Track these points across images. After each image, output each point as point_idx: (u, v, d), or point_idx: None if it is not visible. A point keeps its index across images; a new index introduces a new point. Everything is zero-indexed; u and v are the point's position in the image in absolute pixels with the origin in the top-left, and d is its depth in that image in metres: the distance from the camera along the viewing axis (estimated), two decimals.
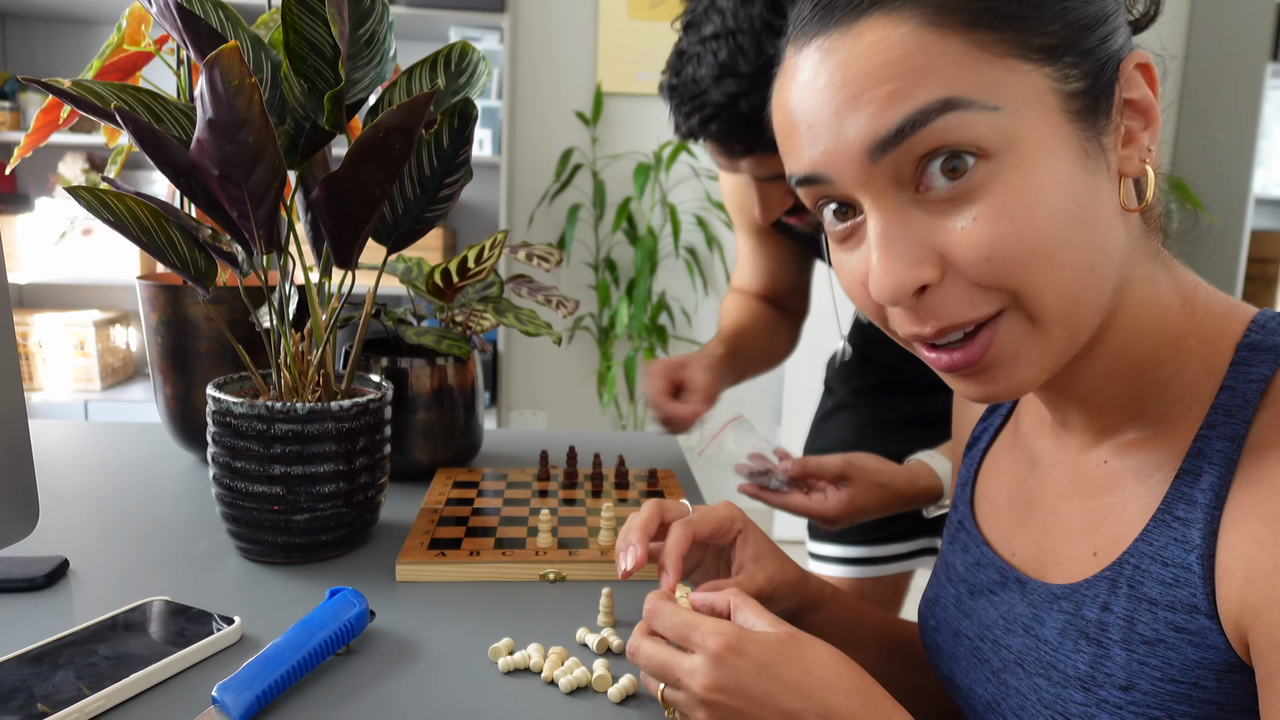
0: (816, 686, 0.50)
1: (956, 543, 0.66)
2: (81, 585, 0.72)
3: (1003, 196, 0.45)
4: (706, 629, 0.52)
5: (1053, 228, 0.45)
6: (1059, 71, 0.45)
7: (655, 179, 2.97)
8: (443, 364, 0.96)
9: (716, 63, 0.83)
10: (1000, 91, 0.44)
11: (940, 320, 0.48)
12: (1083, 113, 0.46)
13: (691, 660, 0.51)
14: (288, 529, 0.74)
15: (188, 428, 0.98)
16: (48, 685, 0.55)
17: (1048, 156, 0.45)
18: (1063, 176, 0.45)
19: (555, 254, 1.02)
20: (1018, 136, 0.45)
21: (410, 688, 0.59)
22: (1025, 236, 0.45)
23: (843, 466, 0.93)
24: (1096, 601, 0.51)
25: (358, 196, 0.70)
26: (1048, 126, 0.45)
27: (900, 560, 1.38)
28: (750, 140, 0.87)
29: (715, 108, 0.84)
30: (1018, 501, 0.62)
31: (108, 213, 0.71)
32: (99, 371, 2.65)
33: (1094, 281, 0.47)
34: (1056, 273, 0.46)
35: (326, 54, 0.73)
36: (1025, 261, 0.45)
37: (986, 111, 0.44)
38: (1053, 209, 0.45)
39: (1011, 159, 0.45)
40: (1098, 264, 0.47)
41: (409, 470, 0.98)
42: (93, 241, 2.55)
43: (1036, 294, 0.46)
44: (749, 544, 0.66)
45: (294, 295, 0.91)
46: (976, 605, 0.61)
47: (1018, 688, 0.55)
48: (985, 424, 0.69)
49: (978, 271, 0.46)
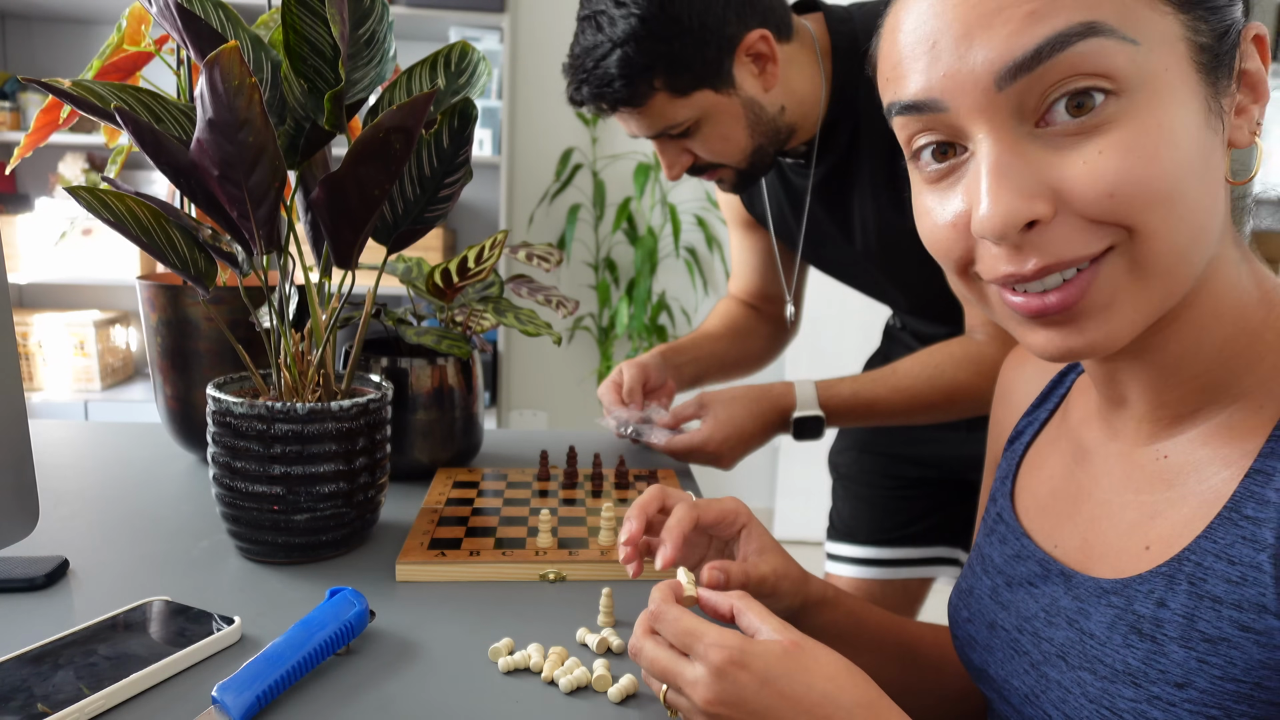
0: (819, 701, 0.49)
1: (994, 535, 0.65)
2: (81, 585, 0.72)
3: (1132, 132, 0.44)
4: (710, 640, 0.51)
5: (1179, 172, 0.44)
6: (1192, 21, 0.45)
7: (655, 179, 2.97)
8: (443, 364, 0.96)
9: (586, 39, 0.99)
10: (1141, 26, 0.43)
11: (1045, 257, 0.46)
12: (1208, 68, 0.45)
13: (694, 670, 0.51)
14: (288, 529, 0.74)
15: (188, 428, 0.98)
16: (48, 685, 0.55)
17: (1178, 101, 0.44)
18: (1191, 124, 0.44)
19: (555, 254, 1.03)
20: (1151, 75, 0.44)
21: (410, 688, 0.59)
22: (1152, 174, 0.44)
23: (699, 397, 1.06)
24: (1151, 597, 0.50)
25: (358, 196, 0.70)
26: (1180, 72, 0.44)
27: (917, 565, 1.37)
28: (611, 98, 1.00)
29: (584, 73, 1.00)
30: (1062, 494, 0.61)
31: (108, 213, 0.71)
32: (99, 371, 2.65)
33: (1201, 240, 0.46)
34: (1174, 218, 0.45)
35: (326, 54, 0.73)
36: (1148, 200, 0.44)
37: (1126, 43, 0.43)
38: (1179, 153, 0.44)
39: (1143, 97, 0.44)
40: (1207, 224, 0.46)
41: (409, 470, 0.98)
42: (93, 241, 2.55)
43: (1152, 236, 0.45)
44: (753, 538, 0.67)
45: (294, 295, 0.91)
46: (1015, 597, 0.60)
47: (1059, 680, 0.54)
48: (1029, 419, 0.68)
49: (1098, 207, 0.45)
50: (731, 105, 1.01)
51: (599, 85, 0.99)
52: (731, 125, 1.02)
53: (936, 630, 0.78)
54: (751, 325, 1.36)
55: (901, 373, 1.07)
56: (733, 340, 1.33)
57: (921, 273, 1.12)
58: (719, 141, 1.03)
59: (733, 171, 1.08)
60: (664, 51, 0.96)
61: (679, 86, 0.99)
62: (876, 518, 1.37)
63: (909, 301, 1.22)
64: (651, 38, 0.96)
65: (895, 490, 1.36)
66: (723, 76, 0.99)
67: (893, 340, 1.38)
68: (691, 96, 0.99)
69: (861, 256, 1.16)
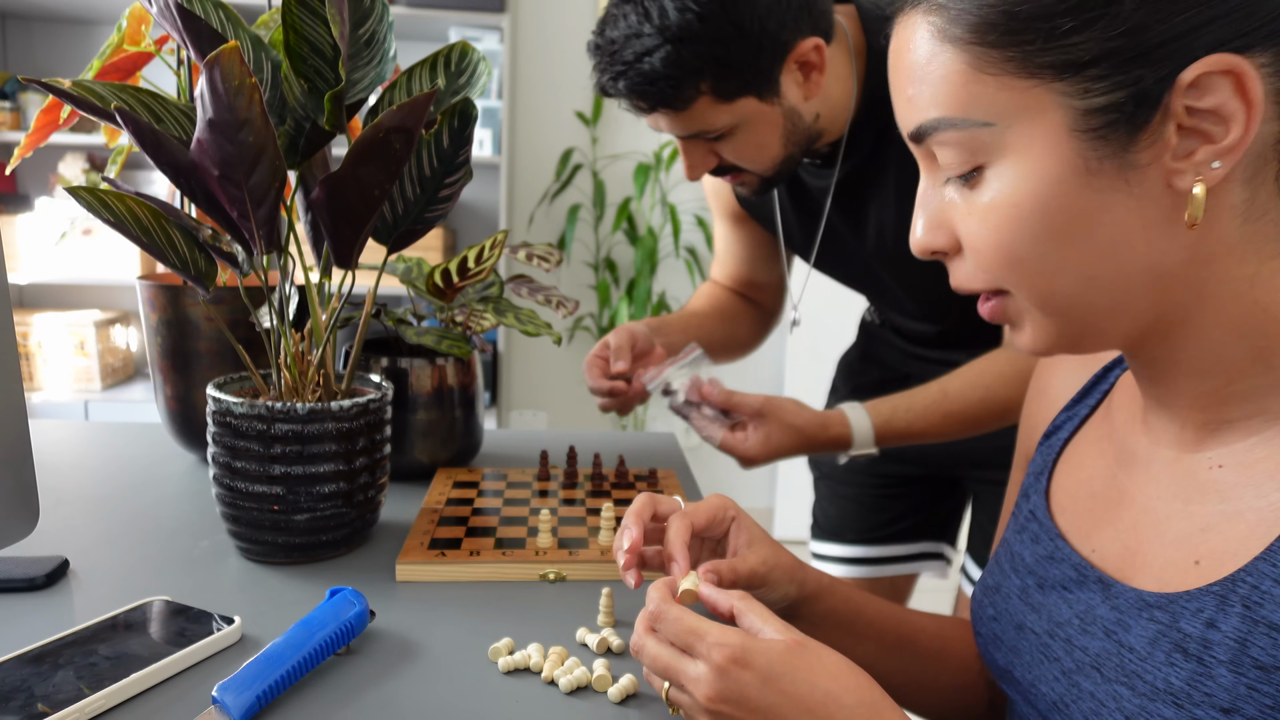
0: (822, 700, 0.49)
1: (1025, 533, 0.64)
2: (81, 585, 0.72)
3: (988, 202, 0.49)
4: (712, 639, 0.51)
5: (1024, 240, 0.48)
6: (1074, 86, 0.45)
7: (655, 179, 2.97)
8: (443, 364, 0.96)
9: (627, 24, 0.91)
10: (993, 108, 0.47)
11: (956, 283, 0.54)
12: (1104, 128, 0.45)
13: (696, 668, 0.51)
14: (288, 529, 0.74)
15: (188, 428, 0.98)
16: (48, 685, 0.55)
17: (1033, 173, 0.47)
18: (1047, 193, 0.47)
19: (555, 254, 1.02)
20: (1010, 150, 0.47)
21: (410, 688, 0.59)
22: (997, 242, 0.49)
23: (762, 404, 0.99)
24: (1200, 617, 0.48)
25: (358, 196, 0.70)
26: (1045, 143, 0.46)
27: (904, 562, 1.38)
28: (653, 98, 0.93)
29: (623, 65, 0.91)
30: (1103, 497, 0.59)
31: (108, 213, 0.71)
32: (99, 371, 2.65)
33: (1096, 289, 0.48)
34: (1034, 278, 0.49)
35: (326, 54, 0.73)
36: (1000, 263, 0.49)
37: (978, 128, 0.47)
38: (1025, 222, 0.48)
39: (1002, 168, 0.48)
40: (1100, 274, 0.48)
41: (409, 470, 0.98)
42: (93, 241, 2.55)
43: (1018, 291, 0.50)
44: (742, 531, 0.66)
45: (294, 295, 0.91)
46: (1046, 600, 0.59)
47: (1093, 692, 0.52)
48: (1069, 414, 0.67)
49: (975, 261, 0.51)
50: (772, 114, 0.96)
51: (641, 81, 0.92)
52: (768, 133, 0.98)
53: (939, 621, 0.77)
54: (738, 309, 1.33)
55: (954, 397, 1.03)
56: (720, 322, 1.29)
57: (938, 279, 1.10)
58: (753, 149, 0.99)
59: (756, 177, 1.03)
60: (719, 55, 0.90)
61: (725, 92, 0.93)
62: (863, 516, 1.36)
63: (917, 304, 1.20)
64: (709, 39, 0.89)
65: (880, 488, 1.35)
66: (770, 84, 0.94)
67: (871, 337, 1.36)
68: (735, 103, 0.94)
69: (872, 258, 1.13)
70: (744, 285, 1.36)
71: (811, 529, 1.45)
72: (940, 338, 1.25)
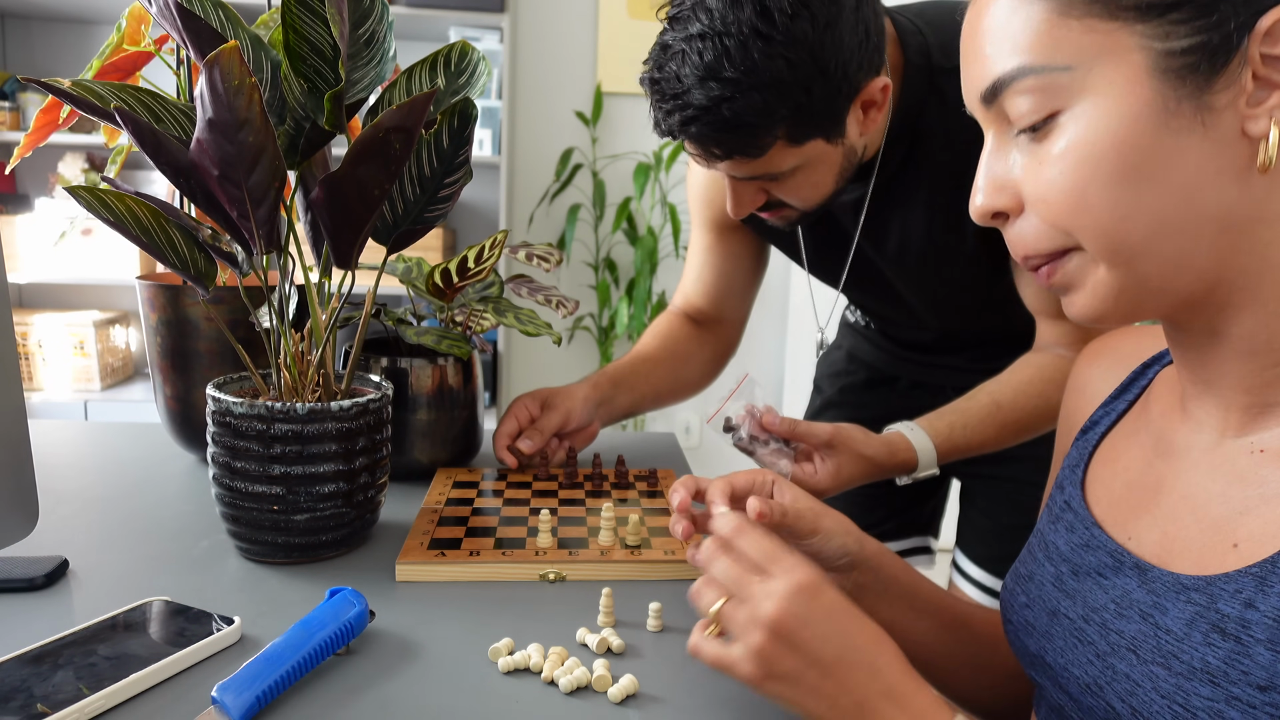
0: (872, 642, 0.53)
1: (1060, 523, 0.64)
2: (81, 585, 0.72)
3: (1061, 148, 0.49)
4: (792, 562, 0.54)
5: (1098, 181, 0.48)
6: (1156, 29, 0.46)
7: (655, 179, 2.97)
8: (443, 364, 0.96)
9: (701, 63, 0.81)
10: (1075, 52, 0.48)
11: (1015, 249, 0.54)
12: (1183, 70, 0.46)
13: (772, 584, 0.53)
14: (288, 529, 0.74)
15: (188, 428, 0.98)
16: (48, 685, 0.55)
17: (1112, 113, 0.48)
18: (1125, 133, 0.47)
19: (555, 254, 1.02)
20: (1089, 92, 0.48)
21: (410, 688, 0.59)
22: (1070, 185, 0.49)
23: (831, 435, 0.94)
24: (1239, 597, 0.48)
25: (358, 196, 0.70)
26: (1125, 84, 0.47)
27: None
28: (730, 145, 0.86)
29: (697, 109, 0.83)
30: (1139, 486, 0.59)
31: (108, 213, 0.71)
32: (99, 371, 2.65)
33: (1165, 236, 0.49)
34: (1105, 223, 0.49)
35: (326, 54, 0.73)
36: (1072, 209, 0.50)
37: (1058, 73, 0.48)
38: (1100, 162, 0.48)
39: (1078, 111, 0.49)
40: (1171, 218, 0.48)
41: (409, 470, 0.98)
42: (93, 241, 2.55)
43: (1087, 238, 0.50)
44: (785, 491, 0.67)
45: (294, 295, 0.91)
46: (1081, 586, 0.59)
47: (1128, 673, 0.53)
48: (1106, 409, 0.67)
49: (1043, 214, 0.51)
50: (834, 154, 0.91)
51: (718, 129, 0.84)
52: (826, 173, 0.93)
53: (988, 610, 0.77)
54: (691, 350, 1.24)
55: (1007, 407, 1.00)
56: (671, 366, 1.21)
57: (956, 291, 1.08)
58: (808, 188, 0.93)
59: (798, 212, 0.98)
60: (801, 101, 0.84)
61: (798, 137, 0.87)
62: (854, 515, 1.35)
63: (936, 316, 1.17)
64: (795, 85, 0.82)
65: (871, 488, 1.35)
66: (839, 126, 0.89)
67: (857, 337, 1.35)
68: (804, 146, 0.88)
69: (890, 270, 1.10)
70: (714, 306, 1.27)
71: None
72: (938, 343, 1.25)
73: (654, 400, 1.19)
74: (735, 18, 0.80)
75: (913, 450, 0.98)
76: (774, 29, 0.80)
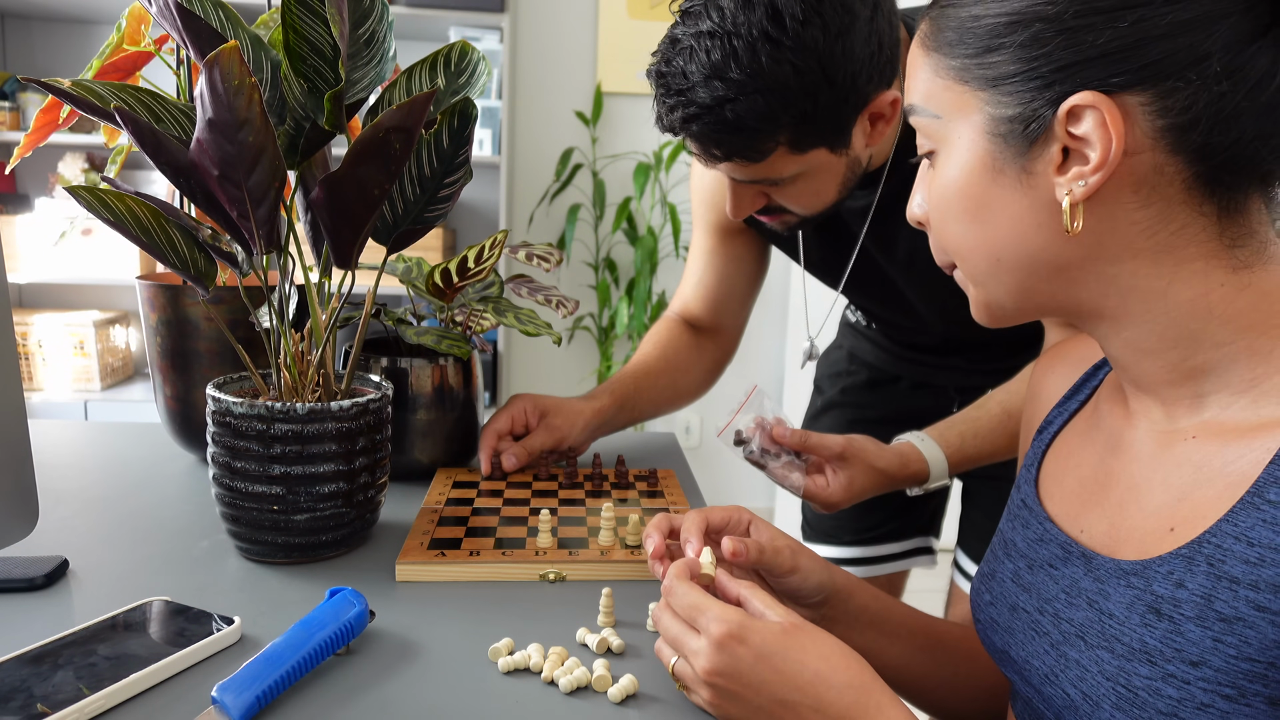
0: (811, 680, 0.54)
1: (1017, 520, 0.67)
2: (81, 585, 0.72)
3: (935, 182, 0.58)
4: (713, 614, 0.56)
5: (947, 217, 0.58)
6: (991, 96, 0.53)
7: (655, 179, 2.97)
8: (443, 364, 0.96)
9: (708, 61, 0.81)
10: (941, 105, 0.56)
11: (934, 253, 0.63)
12: (1009, 135, 0.53)
13: (697, 641, 0.56)
14: (288, 529, 0.74)
15: (188, 428, 0.98)
16: (48, 685, 0.55)
17: (959, 161, 0.56)
18: (963, 180, 0.56)
19: (555, 254, 1.02)
20: (948, 140, 0.56)
21: (410, 688, 0.59)
22: (936, 217, 0.59)
23: (844, 447, 0.94)
24: (1170, 578, 0.51)
25: (358, 196, 0.70)
26: (970, 138, 0.55)
27: (895, 560, 1.38)
28: (730, 147, 0.86)
29: (700, 108, 0.82)
30: (1091, 481, 0.62)
31: (108, 213, 0.71)
32: (99, 371, 2.65)
33: (1006, 269, 0.56)
34: (957, 253, 0.59)
35: (326, 54, 0.73)
36: (937, 235, 0.60)
37: (932, 119, 0.57)
38: (947, 202, 0.57)
39: (944, 155, 0.57)
40: (1008, 257, 0.56)
41: (409, 470, 0.98)
42: (93, 241, 2.55)
43: (955, 262, 0.60)
44: (762, 530, 0.70)
45: (294, 295, 0.91)
46: (1036, 579, 0.62)
47: (1078, 660, 0.55)
48: (1059, 410, 0.70)
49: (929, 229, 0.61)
50: (838, 164, 0.91)
51: (719, 130, 0.84)
52: (828, 182, 0.92)
53: (964, 626, 0.79)
54: (690, 359, 1.22)
55: (1017, 416, 0.99)
56: (670, 377, 1.20)
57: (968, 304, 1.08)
58: (809, 196, 0.93)
59: (798, 218, 0.98)
60: (806, 109, 0.83)
61: (801, 144, 0.87)
62: (857, 517, 1.35)
63: (943, 321, 1.17)
64: (801, 92, 0.82)
65: None
66: (844, 137, 0.89)
67: (858, 337, 1.35)
68: (807, 154, 0.88)
69: (900, 277, 1.10)
70: (713, 313, 1.25)
71: (803, 530, 1.45)
72: (940, 344, 1.25)
73: (652, 413, 1.20)
74: (746, 19, 0.80)
75: (924, 461, 0.98)
76: (784, 34, 0.80)
